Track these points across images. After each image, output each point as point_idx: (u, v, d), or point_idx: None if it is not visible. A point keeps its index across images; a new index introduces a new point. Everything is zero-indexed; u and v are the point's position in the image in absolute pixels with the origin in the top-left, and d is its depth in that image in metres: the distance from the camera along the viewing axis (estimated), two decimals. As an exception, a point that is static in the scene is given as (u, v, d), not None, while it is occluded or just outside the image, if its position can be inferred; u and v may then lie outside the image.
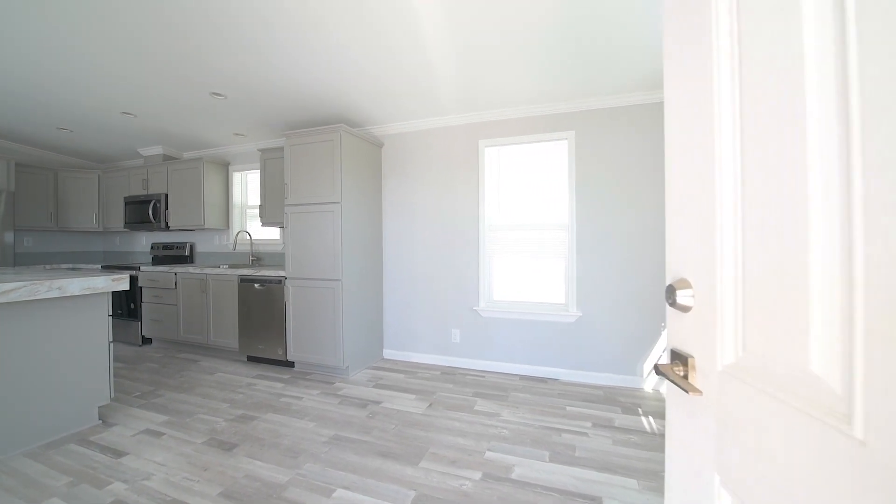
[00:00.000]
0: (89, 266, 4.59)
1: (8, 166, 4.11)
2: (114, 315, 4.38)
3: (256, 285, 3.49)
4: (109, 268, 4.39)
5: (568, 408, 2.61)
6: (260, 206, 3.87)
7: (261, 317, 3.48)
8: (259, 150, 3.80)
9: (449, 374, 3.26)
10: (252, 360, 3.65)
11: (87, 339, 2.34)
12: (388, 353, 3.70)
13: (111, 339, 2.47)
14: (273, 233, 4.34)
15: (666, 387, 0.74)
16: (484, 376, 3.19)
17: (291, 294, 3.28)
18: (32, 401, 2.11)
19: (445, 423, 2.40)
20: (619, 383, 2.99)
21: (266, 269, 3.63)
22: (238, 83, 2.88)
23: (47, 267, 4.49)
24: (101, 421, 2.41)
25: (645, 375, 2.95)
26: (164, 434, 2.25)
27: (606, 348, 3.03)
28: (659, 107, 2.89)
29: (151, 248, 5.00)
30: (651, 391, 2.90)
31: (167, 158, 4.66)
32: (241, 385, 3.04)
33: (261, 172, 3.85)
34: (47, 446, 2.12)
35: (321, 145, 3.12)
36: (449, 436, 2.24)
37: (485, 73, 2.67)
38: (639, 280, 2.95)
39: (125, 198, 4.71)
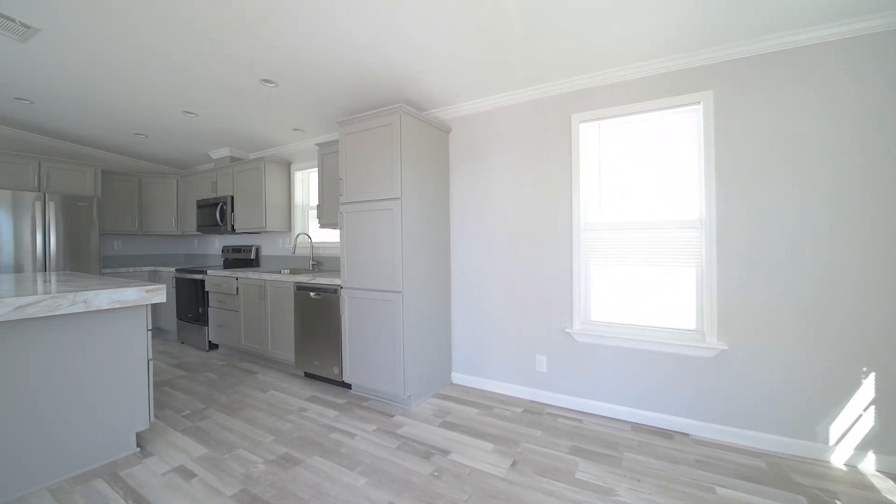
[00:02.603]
0: (166, 269, 4.66)
1: (95, 173, 4.27)
2: (184, 319, 4.38)
3: (312, 294, 3.12)
4: (181, 270, 4.39)
5: (718, 489, 1.78)
6: (318, 205, 3.53)
7: (317, 329, 3.10)
8: (317, 144, 3.45)
9: (534, 412, 2.57)
10: (309, 376, 3.30)
11: (123, 358, 2.07)
12: (457, 378, 3.11)
13: (150, 357, 2.19)
14: (333, 235, 4.00)
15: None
16: (581, 420, 2.45)
17: (347, 306, 2.84)
18: (61, 428, 1.86)
19: (538, 498, 1.73)
20: (787, 449, 2.07)
21: (324, 275, 3.25)
22: (286, 66, 2.50)
23: (130, 270, 4.64)
24: (138, 448, 2.14)
25: (833, 442, 2.00)
26: (195, 477, 1.89)
27: (765, 396, 2.12)
28: (853, 44, 1.93)
29: (222, 251, 5.00)
30: (844, 468, 1.94)
31: (234, 160, 4.57)
32: (291, 409, 2.66)
33: (318, 169, 3.50)
34: (75, 479, 1.85)
35: (378, 132, 2.63)
36: (545, 524, 1.57)
37: (581, 20, 1.96)
38: (818, 300, 2.01)
39: (197, 201, 4.73)
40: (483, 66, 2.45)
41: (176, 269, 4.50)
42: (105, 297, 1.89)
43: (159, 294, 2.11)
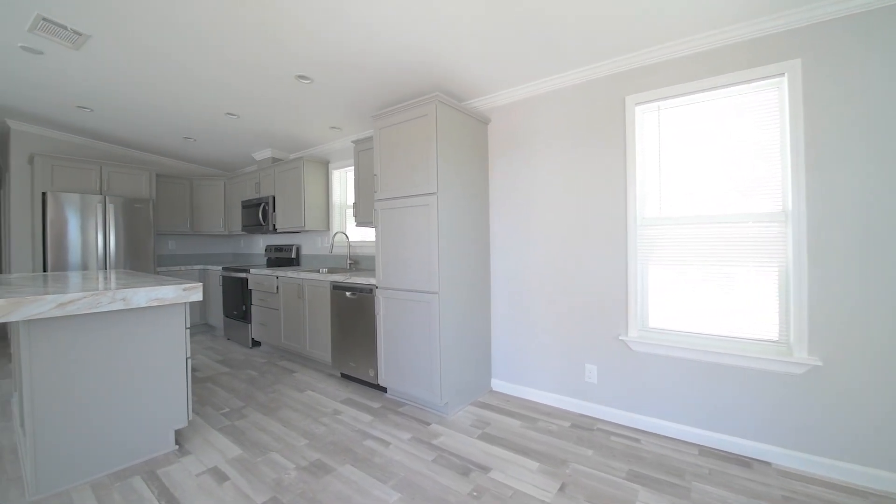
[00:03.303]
0: (214, 267, 4.83)
1: (150, 176, 4.50)
2: (230, 316, 4.51)
3: (348, 293, 3.06)
4: (227, 269, 4.53)
5: (818, 536, 1.47)
6: (354, 203, 3.47)
7: (353, 330, 3.03)
8: (353, 142, 3.39)
9: (584, 427, 2.33)
10: (345, 377, 3.24)
11: (163, 356, 2.08)
12: (497, 385, 2.92)
13: (189, 355, 2.19)
14: (370, 234, 3.94)
15: None
16: (638, 440, 2.18)
17: (382, 306, 2.74)
18: (104, 424, 1.88)
19: (591, 531, 1.51)
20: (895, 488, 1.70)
21: (360, 274, 3.17)
22: (320, 60, 2.43)
23: (182, 268, 4.86)
24: (177, 446, 2.14)
25: (970, 486, 1.60)
26: (227, 480, 1.84)
27: (868, 422, 1.75)
28: None
29: (265, 250, 5.12)
30: None
31: (275, 161, 4.66)
32: (326, 411, 2.59)
33: (354, 166, 3.44)
34: (116, 476, 1.87)
35: (414, 124, 2.50)
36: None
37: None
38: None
39: (242, 202, 4.87)
40: (529, 48, 2.25)
41: (222, 268, 4.65)
42: (143, 295, 1.89)
43: (196, 293, 2.10)
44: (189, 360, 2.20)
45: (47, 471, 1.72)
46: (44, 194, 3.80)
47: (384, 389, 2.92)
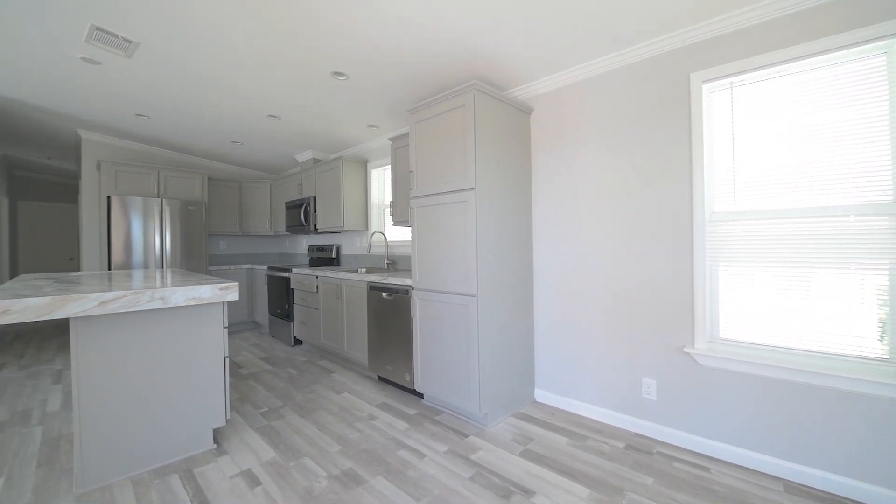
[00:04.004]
0: (260, 266, 4.98)
1: (203, 180, 4.72)
2: (274, 314, 4.62)
3: (384, 294, 2.98)
4: (272, 268, 4.64)
5: None
6: (391, 202, 3.39)
7: (389, 332, 2.95)
8: (389, 139, 3.31)
9: (641, 450, 2.07)
10: (382, 380, 3.17)
11: (201, 355, 2.09)
12: (540, 396, 2.70)
13: (227, 355, 2.20)
14: (407, 233, 3.85)
15: None
16: (708, 469, 1.89)
17: (418, 309, 2.62)
18: (146, 421, 1.91)
19: (655, 580, 1.28)
20: None
21: (398, 275, 3.09)
22: (355, 55, 2.35)
23: (232, 267, 5.06)
24: (215, 445, 2.15)
25: None
26: (259, 485, 1.80)
27: None
28: None
29: (308, 250, 5.21)
30: None
31: (316, 162, 4.71)
32: (361, 416, 2.52)
33: (391, 164, 3.36)
34: (155, 472, 1.89)
35: (450, 116, 2.36)
36: None
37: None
38: None
39: (285, 203, 4.98)
40: (577, 25, 2.03)
41: (267, 268, 4.77)
42: (181, 294, 1.90)
43: (232, 292, 2.09)
44: (227, 360, 2.20)
45: (92, 465, 1.76)
46: (108, 198, 4.08)
47: (421, 395, 2.80)
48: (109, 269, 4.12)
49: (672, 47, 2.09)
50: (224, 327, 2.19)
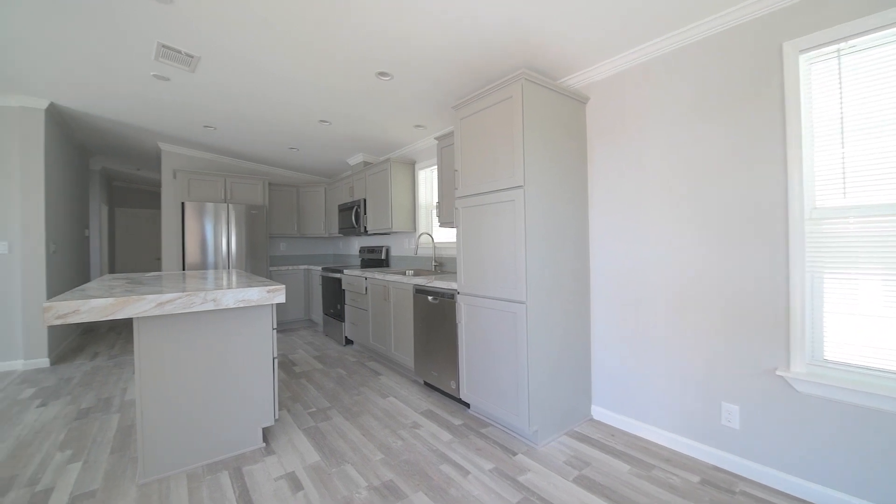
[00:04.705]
0: (316, 267, 5.17)
1: (264, 185, 4.99)
2: (328, 314, 4.76)
3: (430, 298, 2.90)
4: (326, 269, 4.78)
5: None
6: (437, 203, 3.31)
7: (435, 336, 2.86)
8: (435, 138, 3.23)
9: (720, 486, 1.77)
10: (428, 386, 3.09)
11: (251, 355, 2.14)
12: (598, 413, 2.46)
13: (276, 356, 2.24)
14: (454, 234, 3.75)
15: None
16: (810, 519, 1.56)
17: (464, 314, 2.50)
18: (199, 418, 1.98)
19: None
20: None
21: (444, 277, 2.99)
22: (399, 53, 2.29)
23: (290, 268, 5.30)
24: (264, 444, 2.19)
25: None
26: (301, 490, 1.79)
27: None
28: None
29: (359, 251, 5.31)
30: None
31: (366, 164, 4.78)
32: (406, 423, 2.46)
33: (438, 164, 3.28)
34: (208, 468, 1.96)
35: (496, 109, 2.21)
36: None
37: None
38: None
39: (338, 205, 5.12)
40: (637, -1, 1.80)
41: (322, 268, 4.93)
42: (231, 296, 1.95)
43: (279, 294, 2.12)
44: (276, 360, 2.24)
45: (153, 457, 1.86)
46: (183, 204, 4.44)
47: (467, 404, 2.68)
48: (184, 268, 4.48)
49: (759, 13, 1.77)
50: (273, 328, 2.23)
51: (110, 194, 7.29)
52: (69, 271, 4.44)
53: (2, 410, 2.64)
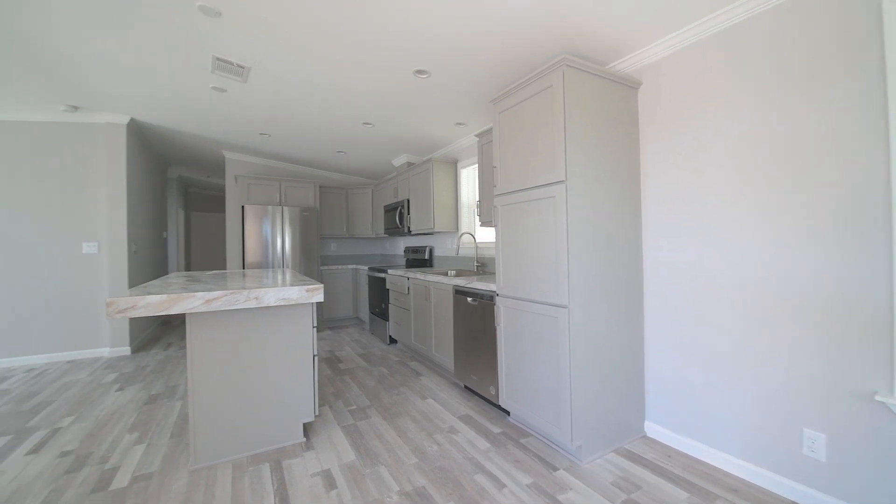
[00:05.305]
0: (363, 267, 5.30)
1: (315, 188, 5.22)
2: (374, 313, 4.85)
3: (469, 299, 2.82)
4: (372, 269, 4.88)
5: None
6: (478, 201, 3.22)
7: (475, 339, 2.78)
8: (476, 135, 3.15)
9: (799, 527, 1.51)
10: (468, 390, 3.02)
11: (293, 352, 2.21)
12: (652, 430, 2.23)
13: (315, 353, 2.29)
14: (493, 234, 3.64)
15: None
16: (924, 581, 1.27)
17: (503, 317, 2.40)
18: (245, 410, 2.08)
19: None
20: None
21: (484, 279, 2.90)
22: (436, 48, 2.24)
23: (340, 267, 5.48)
24: (305, 439, 2.25)
25: None
26: (335, 489, 1.80)
27: None
28: None
29: (404, 251, 5.36)
30: None
31: (410, 165, 4.81)
32: (443, 427, 2.40)
33: (478, 162, 3.19)
34: (252, 458, 2.04)
35: (536, 100, 2.08)
36: None
37: None
38: None
39: (384, 206, 5.20)
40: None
41: (368, 268, 5.04)
42: (272, 295, 2.01)
43: (317, 294, 2.16)
44: (316, 358, 2.29)
45: (203, 445, 1.97)
46: (243, 207, 4.76)
47: (507, 411, 2.57)
48: (244, 267, 4.80)
49: (855, -32, 1.48)
50: (313, 327, 2.28)
51: (186, 200, 8.05)
52: (149, 270, 4.94)
53: (88, 393, 2.97)
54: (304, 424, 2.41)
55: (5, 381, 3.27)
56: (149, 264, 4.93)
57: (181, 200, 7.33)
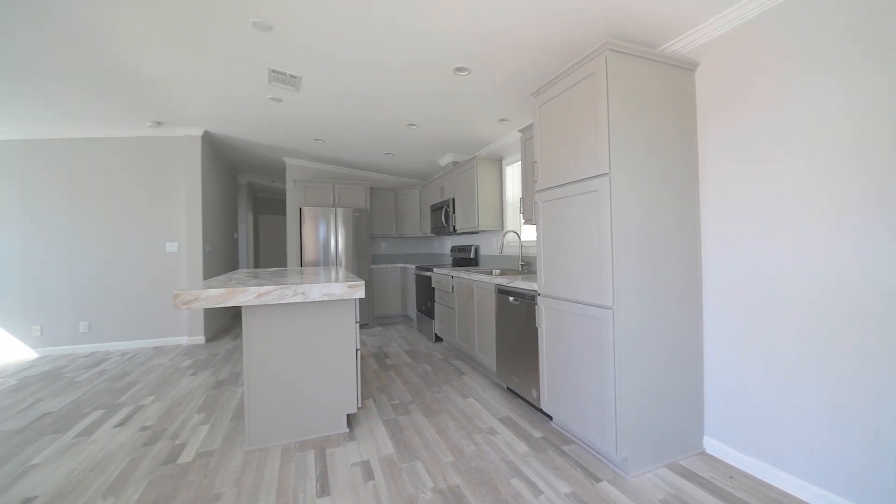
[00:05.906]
0: (411, 265, 5.41)
1: (366, 190, 5.42)
2: (420, 311, 4.93)
3: (511, 298, 2.76)
4: (419, 268, 4.96)
5: None
6: (521, 198, 3.14)
7: (517, 340, 2.71)
8: (519, 131, 3.07)
9: (894, 572, 1.28)
10: (510, 391, 2.96)
11: (337, 346, 2.30)
12: (712, 447, 2.02)
13: (358, 347, 2.37)
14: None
15: None
16: None
17: (545, 318, 2.31)
18: (293, 398, 2.21)
19: None
20: None
21: (528, 278, 2.82)
22: (475, 43, 2.22)
23: (389, 266, 5.64)
24: (348, 430, 2.34)
25: None
26: (371, 480, 1.84)
27: None
28: None
29: (451, 251, 5.39)
30: None
31: (455, 164, 4.81)
32: (482, 427, 2.37)
33: (521, 158, 3.11)
34: (300, 444, 2.16)
35: (578, 90, 1.97)
36: None
37: None
38: None
39: (430, 206, 5.27)
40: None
41: (415, 267, 5.14)
42: (317, 290, 2.11)
43: (359, 290, 2.23)
44: (358, 352, 2.37)
45: (256, 429, 2.13)
46: (300, 209, 5.08)
47: (550, 416, 2.47)
48: (301, 265, 5.11)
49: None
50: (356, 322, 2.37)
51: (255, 203, 8.77)
52: (221, 267, 5.44)
53: (168, 376, 3.34)
54: (348, 416, 2.50)
55: (104, 362, 3.78)
56: (222, 263, 5.43)
57: (250, 204, 7.99)
